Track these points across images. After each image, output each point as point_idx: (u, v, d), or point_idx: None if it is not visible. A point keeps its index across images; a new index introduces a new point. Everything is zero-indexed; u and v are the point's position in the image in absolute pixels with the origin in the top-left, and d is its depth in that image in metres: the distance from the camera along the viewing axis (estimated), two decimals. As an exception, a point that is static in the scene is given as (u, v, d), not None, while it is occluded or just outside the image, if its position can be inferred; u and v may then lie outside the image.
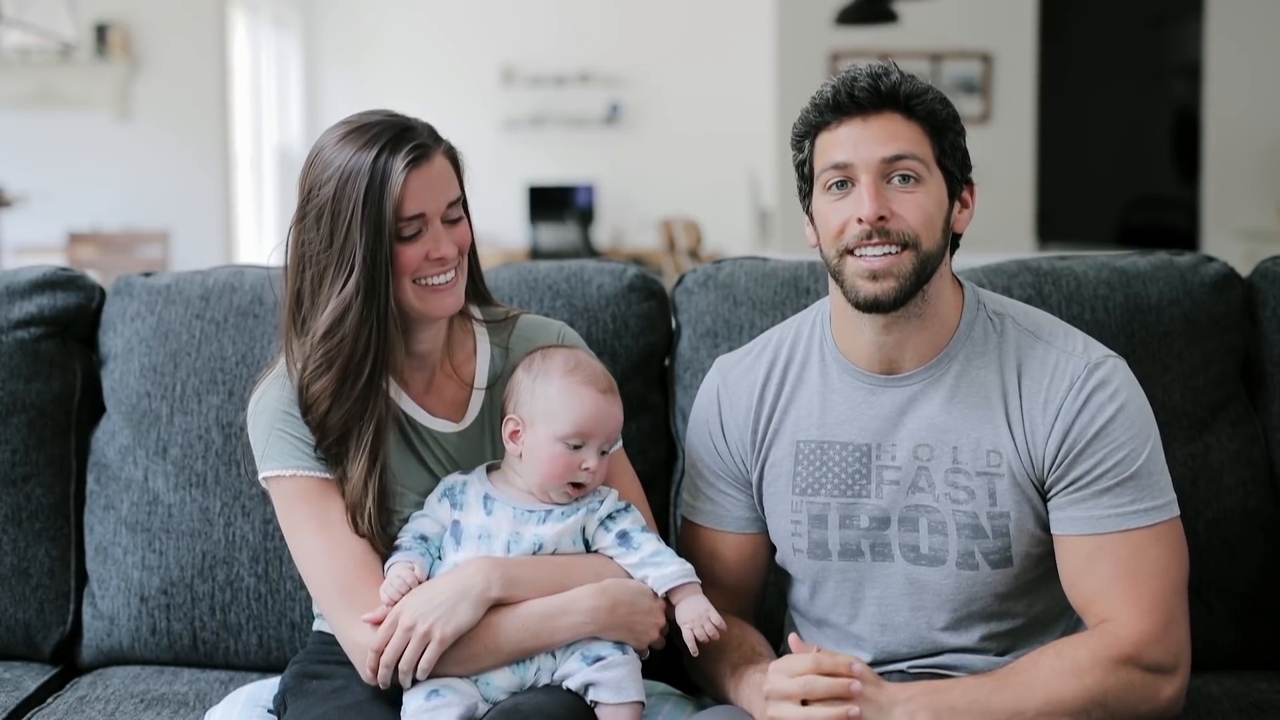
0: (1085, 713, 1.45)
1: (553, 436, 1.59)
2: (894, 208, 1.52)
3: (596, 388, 1.61)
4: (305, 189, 1.62)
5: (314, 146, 1.63)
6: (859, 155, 1.52)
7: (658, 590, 1.60)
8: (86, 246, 7.54)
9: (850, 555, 1.62)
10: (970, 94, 7.88)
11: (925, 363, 1.59)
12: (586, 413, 1.59)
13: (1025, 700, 1.45)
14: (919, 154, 1.53)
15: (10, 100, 8.02)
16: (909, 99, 1.53)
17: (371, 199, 1.56)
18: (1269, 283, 1.98)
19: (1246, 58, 7.79)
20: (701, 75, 10.29)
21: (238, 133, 8.76)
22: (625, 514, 1.63)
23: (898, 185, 1.52)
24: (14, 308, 2.03)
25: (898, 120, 1.53)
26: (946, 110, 1.56)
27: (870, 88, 1.52)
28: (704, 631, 1.57)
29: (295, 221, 1.63)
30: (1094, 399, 1.53)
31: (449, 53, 10.43)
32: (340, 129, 1.62)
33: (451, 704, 1.53)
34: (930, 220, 1.53)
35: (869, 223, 1.51)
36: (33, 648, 2.01)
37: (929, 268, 1.54)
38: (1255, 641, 1.91)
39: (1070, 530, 1.53)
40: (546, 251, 10.14)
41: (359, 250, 1.56)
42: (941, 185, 1.55)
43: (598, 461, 1.60)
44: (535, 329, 1.76)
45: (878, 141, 1.52)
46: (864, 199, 1.52)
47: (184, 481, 1.97)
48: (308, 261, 1.61)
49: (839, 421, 1.62)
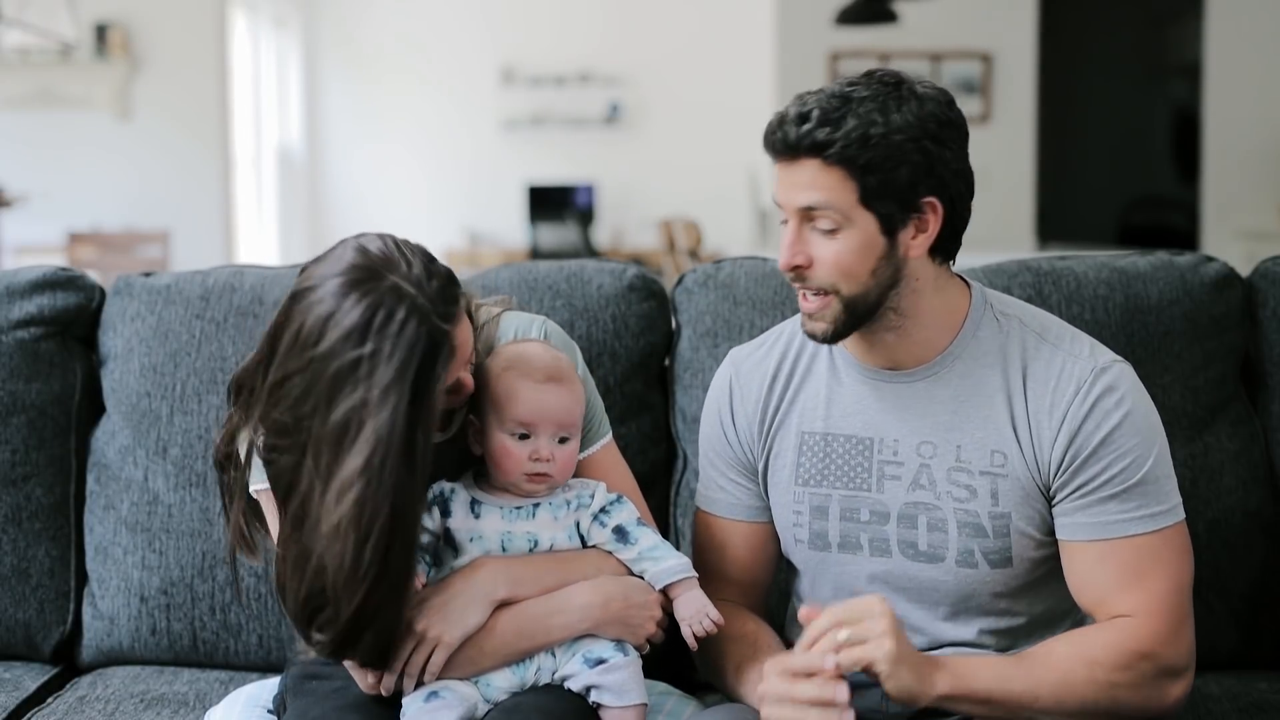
0: (1095, 703, 1.46)
1: (498, 429, 1.59)
2: (813, 252, 1.53)
3: (533, 379, 1.59)
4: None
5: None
6: (784, 198, 1.54)
7: (655, 585, 1.60)
8: (86, 246, 7.54)
9: (850, 548, 1.62)
10: (970, 94, 7.89)
11: (927, 361, 1.60)
12: (524, 402, 1.58)
13: (1039, 683, 1.46)
14: (834, 203, 1.50)
15: (10, 100, 8.02)
16: (823, 148, 1.49)
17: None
18: (1269, 283, 1.98)
19: (1246, 58, 7.79)
20: (701, 75, 10.29)
21: (238, 133, 8.76)
22: (618, 506, 1.63)
23: (820, 227, 1.52)
24: (14, 308, 2.03)
25: (814, 167, 1.50)
26: (867, 148, 1.49)
27: (782, 137, 1.51)
28: (702, 627, 1.57)
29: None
30: (1100, 404, 1.52)
31: (449, 52, 10.43)
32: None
33: (451, 705, 1.53)
34: (848, 268, 1.52)
35: (783, 269, 1.54)
36: (33, 648, 2.01)
37: (860, 308, 1.54)
38: (1255, 641, 1.91)
39: (1077, 536, 1.53)
40: (546, 251, 10.14)
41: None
42: (870, 226, 1.51)
43: (552, 449, 1.59)
44: (516, 324, 1.73)
45: (797, 188, 1.52)
46: (782, 244, 1.54)
47: (184, 481, 1.97)
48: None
49: (844, 414, 1.63)
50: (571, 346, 1.75)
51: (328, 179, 10.53)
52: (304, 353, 1.41)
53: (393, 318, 1.40)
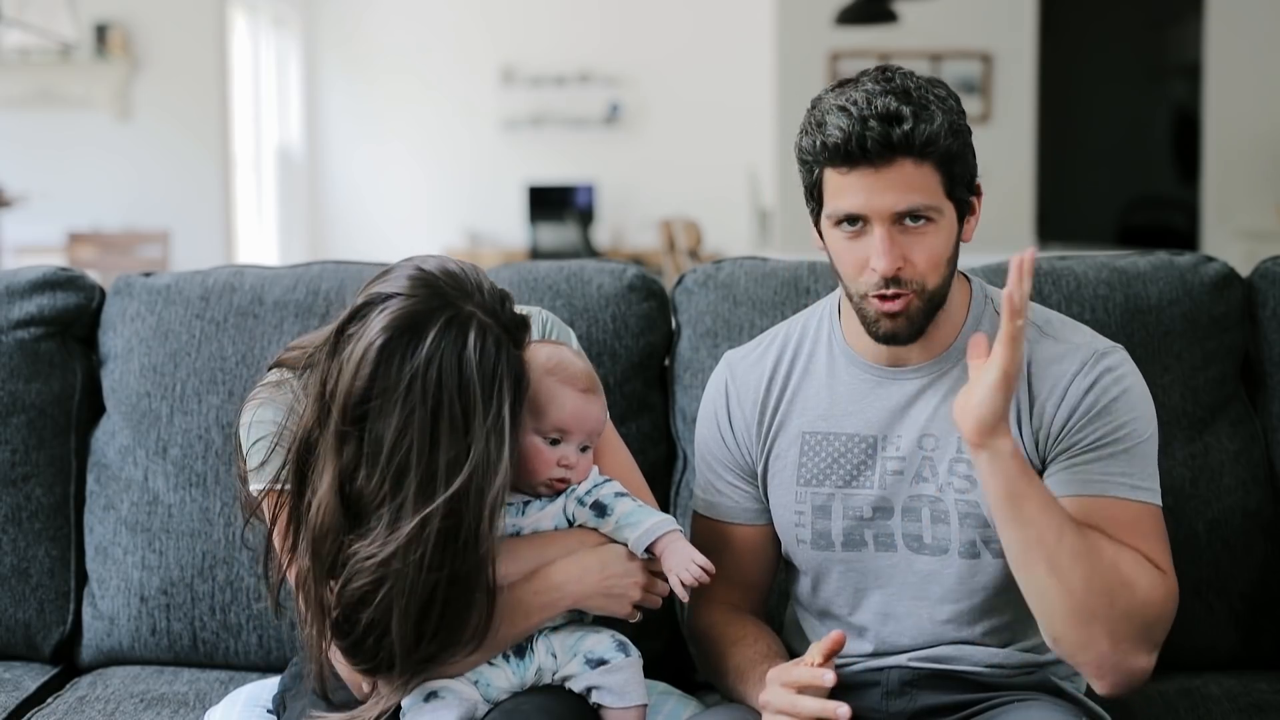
0: (1098, 588, 1.43)
1: (533, 431, 1.58)
2: (907, 254, 1.50)
3: (577, 386, 1.59)
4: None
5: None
6: (871, 206, 1.49)
7: (638, 549, 1.57)
8: (86, 246, 7.54)
9: (853, 546, 1.62)
10: (970, 94, 7.88)
11: (933, 357, 1.60)
12: (566, 408, 1.58)
13: (1069, 535, 1.43)
14: (931, 201, 1.49)
15: (10, 100, 8.02)
16: (924, 147, 1.47)
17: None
18: (1269, 283, 1.98)
19: (1246, 58, 7.79)
20: (701, 75, 10.29)
21: (238, 133, 8.76)
22: (602, 486, 1.62)
23: (910, 225, 1.50)
24: (14, 308, 2.03)
25: (909, 167, 1.47)
26: (955, 136, 1.50)
27: (882, 138, 1.45)
28: (690, 574, 1.53)
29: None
30: (1102, 380, 1.54)
31: (449, 52, 10.43)
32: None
33: (451, 705, 1.52)
34: (940, 260, 1.52)
35: (884, 275, 1.50)
36: (33, 648, 2.01)
37: (939, 299, 1.55)
38: (1255, 641, 1.91)
39: (1060, 490, 1.53)
40: (546, 251, 10.14)
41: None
42: (952, 215, 1.53)
43: (578, 457, 1.59)
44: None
45: (890, 190, 1.47)
46: (879, 252, 1.49)
47: (184, 481, 1.97)
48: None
49: (845, 413, 1.63)
50: (568, 332, 1.75)
51: (328, 179, 10.53)
52: (396, 390, 1.42)
53: (485, 351, 1.43)
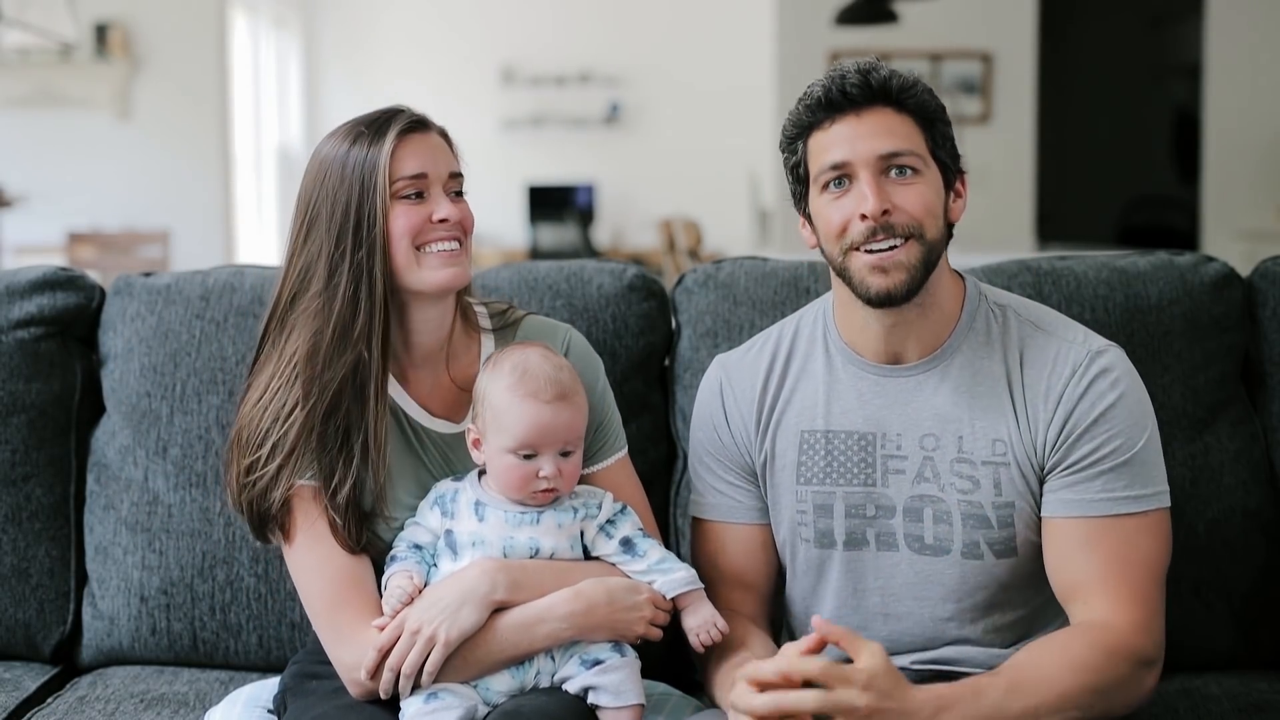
0: (1089, 706, 1.46)
1: (502, 449, 1.57)
2: (895, 201, 1.53)
3: (540, 399, 1.56)
4: (301, 197, 1.60)
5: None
6: (856, 152, 1.53)
7: (666, 594, 1.60)
8: (86, 246, 7.53)
9: (855, 544, 1.62)
10: (970, 94, 7.87)
11: (929, 353, 1.60)
12: (530, 425, 1.56)
13: (1041, 700, 1.44)
14: (914, 148, 1.54)
15: (10, 100, 8.02)
16: (900, 92, 1.54)
17: (368, 166, 1.55)
18: (1269, 283, 1.98)
19: (1246, 58, 7.78)
20: (701, 75, 10.29)
21: (238, 133, 8.75)
22: (623, 517, 1.63)
23: (896, 178, 1.53)
24: (14, 308, 2.03)
25: (890, 114, 1.54)
26: (935, 102, 1.58)
27: (861, 83, 1.53)
28: (709, 636, 1.59)
29: (291, 236, 1.61)
30: (1095, 385, 1.54)
31: (449, 53, 10.43)
32: (330, 134, 1.61)
33: (451, 707, 1.53)
34: (931, 209, 1.55)
35: (873, 218, 1.52)
36: (33, 648, 2.01)
37: (934, 256, 1.56)
38: (1255, 641, 1.91)
39: (1061, 512, 1.54)
40: (546, 251, 10.14)
41: (353, 219, 1.54)
42: (937, 176, 1.57)
43: (557, 467, 1.57)
44: (540, 332, 1.74)
45: (873, 137, 1.53)
46: (866, 195, 1.52)
47: (184, 481, 1.97)
48: (300, 258, 1.59)
49: (844, 411, 1.63)
50: (595, 361, 1.74)
51: (328, 179, 10.50)
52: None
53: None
